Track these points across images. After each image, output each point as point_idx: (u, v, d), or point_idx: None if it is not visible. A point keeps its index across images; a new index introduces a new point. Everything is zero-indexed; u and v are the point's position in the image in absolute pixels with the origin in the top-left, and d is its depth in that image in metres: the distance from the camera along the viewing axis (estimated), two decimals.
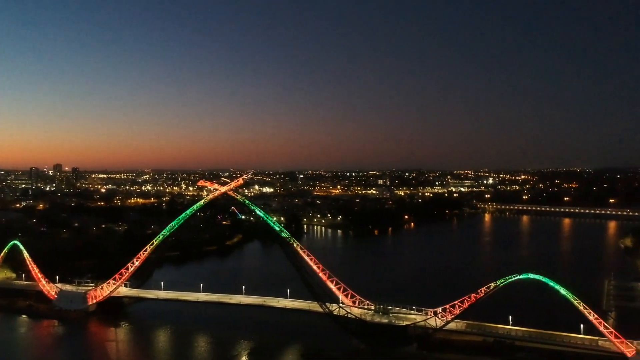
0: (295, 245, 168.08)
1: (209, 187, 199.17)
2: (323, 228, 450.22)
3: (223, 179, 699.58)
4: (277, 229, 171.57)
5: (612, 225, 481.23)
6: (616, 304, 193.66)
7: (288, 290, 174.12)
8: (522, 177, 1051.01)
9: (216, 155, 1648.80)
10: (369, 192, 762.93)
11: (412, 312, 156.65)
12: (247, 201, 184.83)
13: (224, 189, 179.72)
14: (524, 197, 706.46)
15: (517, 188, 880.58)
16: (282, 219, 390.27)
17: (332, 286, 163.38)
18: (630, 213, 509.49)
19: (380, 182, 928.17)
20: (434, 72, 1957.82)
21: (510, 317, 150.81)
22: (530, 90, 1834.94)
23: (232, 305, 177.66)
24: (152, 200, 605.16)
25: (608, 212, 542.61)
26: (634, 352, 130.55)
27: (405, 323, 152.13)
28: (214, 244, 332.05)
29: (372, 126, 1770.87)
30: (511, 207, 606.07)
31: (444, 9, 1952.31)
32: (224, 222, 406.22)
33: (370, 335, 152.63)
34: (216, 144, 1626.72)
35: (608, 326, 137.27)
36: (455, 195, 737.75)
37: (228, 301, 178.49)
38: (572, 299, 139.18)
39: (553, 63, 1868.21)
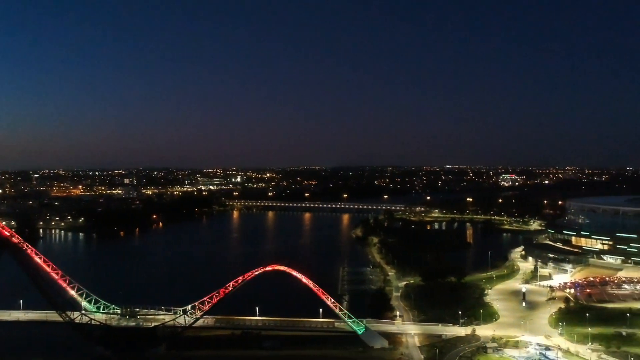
0: (29, 251, 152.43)
1: None
2: (63, 231, 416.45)
3: None
4: (7, 234, 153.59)
5: (345, 217, 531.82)
6: (349, 288, 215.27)
7: (21, 301, 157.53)
8: (268, 175, 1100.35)
9: None
10: (114, 191, 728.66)
11: (161, 312, 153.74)
12: None
13: None
14: (269, 193, 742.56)
15: (263, 185, 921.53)
16: (12, 222, 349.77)
17: (73, 293, 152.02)
18: (360, 206, 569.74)
19: (126, 181, 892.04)
20: (178, 73, 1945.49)
21: (257, 308, 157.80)
22: (272, 93, 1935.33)
23: None
24: None
25: (342, 206, 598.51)
26: (363, 328, 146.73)
27: (154, 324, 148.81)
28: None
29: (117, 124, 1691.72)
30: (258, 203, 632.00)
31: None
32: None
33: (116, 341, 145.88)
34: None
35: (343, 308, 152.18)
36: (204, 193, 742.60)
37: None
38: (312, 286, 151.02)
39: (301, 68, 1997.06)
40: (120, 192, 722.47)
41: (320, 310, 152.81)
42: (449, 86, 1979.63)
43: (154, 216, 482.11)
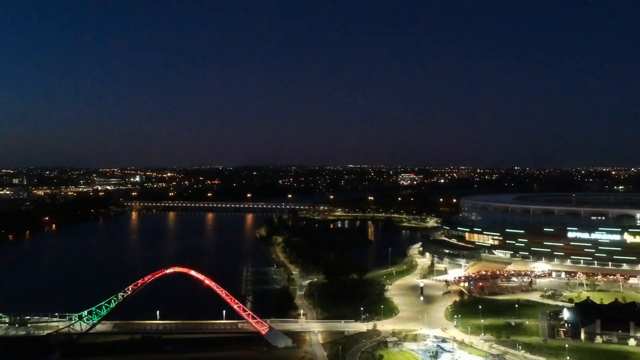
0: None
1: None
2: None
3: None
4: None
5: (249, 217, 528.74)
6: (253, 288, 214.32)
7: None
8: (169, 174, 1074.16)
9: None
10: (1, 192, 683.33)
11: (55, 319, 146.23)
12: None
13: None
14: (170, 193, 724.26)
15: (164, 185, 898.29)
16: None
17: None
18: (264, 206, 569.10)
19: (15, 181, 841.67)
20: (71, 66, 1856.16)
21: (158, 312, 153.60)
22: (173, 90, 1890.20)
23: None
24: None
25: (246, 206, 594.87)
26: (267, 329, 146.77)
27: (46, 332, 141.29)
28: None
29: (4, 120, 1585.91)
30: (158, 204, 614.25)
31: None
32: None
33: (5, 351, 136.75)
34: None
35: (246, 309, 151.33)
36: (101, 194, 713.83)
37: None
38: (215, 288, 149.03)
39: (203, 66, 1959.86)
40: (8, 192, 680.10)
41: (224, 311, 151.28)
42: (351, 87, 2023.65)
43: (46, 218, 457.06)
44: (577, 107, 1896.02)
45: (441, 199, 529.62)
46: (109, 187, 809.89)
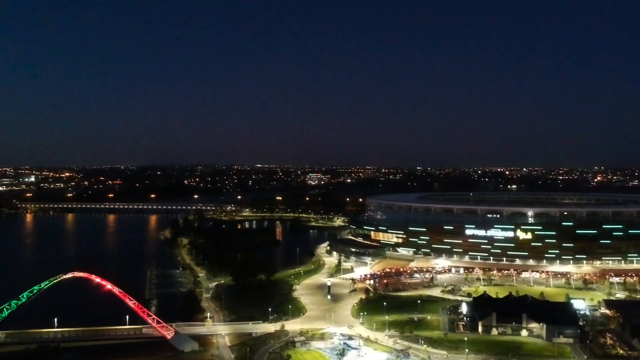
0: None
1: None
2: None
3: None
4: None
5: (153, 218, 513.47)
6: (157, 292, 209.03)
7: None
8: (67, 174, 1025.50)
9: None
10: None
11: None
12: None
13: None
14: (68, 194, 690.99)
15: (62, 186, 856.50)
16: None
17: None
18: (169, 207, 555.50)
19: None
20: None
21: (56, 319, 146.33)
22: (70, 84, 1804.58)
23: None
24: None
25: (150, 207, 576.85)
26: (172, 333, 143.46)
27: None
28: None
29: None
30: (56, 205, 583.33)
31: None
32: None
33: None
34: None
35: (151, 313, 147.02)
36: None
37: None
38: (117, 292, 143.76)
39: (102, 61, 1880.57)
40: None
41: (127, 316, 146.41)
42: (258, 86, 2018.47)
43: None
44: (474, 110, 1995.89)
45: (348, 199, 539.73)
46: (0, 188, 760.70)
